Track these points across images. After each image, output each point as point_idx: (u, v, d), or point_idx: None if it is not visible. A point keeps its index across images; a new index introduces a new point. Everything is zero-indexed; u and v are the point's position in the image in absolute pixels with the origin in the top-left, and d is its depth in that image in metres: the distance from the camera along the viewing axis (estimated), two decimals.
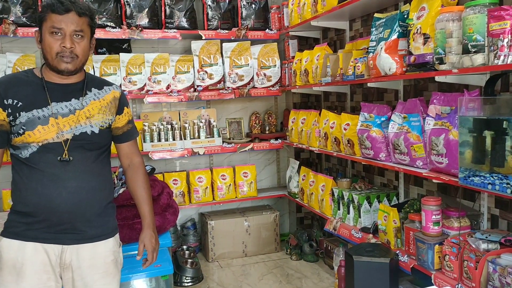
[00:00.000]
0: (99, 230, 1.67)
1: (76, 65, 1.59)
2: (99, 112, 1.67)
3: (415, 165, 2.20)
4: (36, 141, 1.55)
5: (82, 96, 1.65)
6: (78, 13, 1.55)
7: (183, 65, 3.60)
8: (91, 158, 1.64)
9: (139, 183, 1.83)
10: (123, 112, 1.77)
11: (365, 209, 2.72)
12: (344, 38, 3.32)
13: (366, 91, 3.11)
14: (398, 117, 2.32)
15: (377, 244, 2.45)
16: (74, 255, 1.62)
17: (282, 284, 3.19)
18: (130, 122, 1.81)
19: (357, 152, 2.69)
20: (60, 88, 1.62)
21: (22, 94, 1.57)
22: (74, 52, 1.56)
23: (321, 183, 3.21)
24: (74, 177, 1.59)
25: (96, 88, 1.70)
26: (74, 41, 1.56)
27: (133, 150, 1.85)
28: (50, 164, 1.56)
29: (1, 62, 3.20)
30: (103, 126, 1.68)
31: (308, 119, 3.40)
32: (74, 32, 1.55)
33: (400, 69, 2.21)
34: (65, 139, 1.58)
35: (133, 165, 1.85)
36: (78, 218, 1.60)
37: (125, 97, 1.82)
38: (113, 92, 1.75)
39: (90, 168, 1.63)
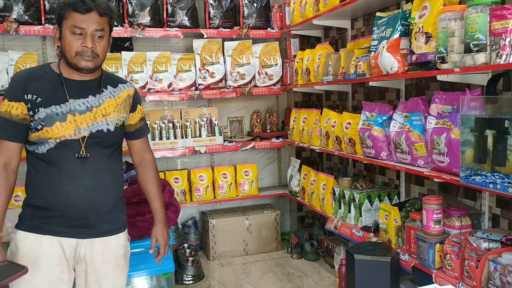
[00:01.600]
0: (111, 225, 1.71)
1: (96, 63, 1.60)
2: (115, 110, 1.69)
3: (416, 164, 2.20)
4: (54, 137, 1.56)
5: (98, 93, 1.66)
6: (99, 13, 1.55)
7: (184, 63, 3.61)
8: (106, 156, 1.67)
9: (150, 179, 1.86)
10: (136, 109, 1.80)
11: (366, 208, 2.73)
12: (346, 37, 3.32)
13: (368, 90, 3.11)
14: (399, 116, 2.32)
15: (378, 243, 2.45)
16: (88, 248, 1.66)
17: (283, 282, 3.19)
18: (143, 119, 1.85)
19: (358, 151, 2.69)
20: (78, 85, 1.63)
21: (41, 89, 1.58)
22: (95, 51, 1.57)
23: (322, 182, 3.21)
24: (91, 174, 1.61)
25: (111, 86, 1.72)
26: (94, 41, 1.57)
27: (145, 147, 1.87)
28: (67, 161, 1.58)
29: (3, 60, 3.21)
30: (118, 124, 1.70)
31: (310, 118, 3.40)
32: (95, 32, 1.56)
33: (402, 68, 2.21)
34: (82, 136, 1.60)
35: (145, 161, 1.87)
36: (93, 214, 1.63)
37: (138, 94, 1.84)
38: (127, 90, 1.77)
39: (105, 165, 1.66)
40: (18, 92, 1.56)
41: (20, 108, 1.55)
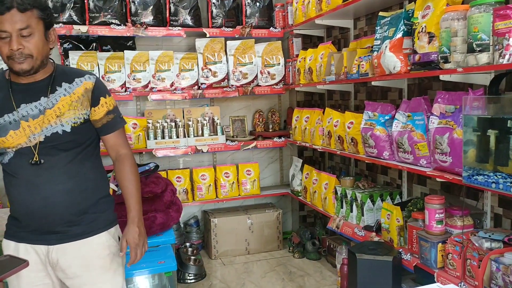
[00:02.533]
0: (86, 227, 1.60)
1: (33, 63, 1.48)
2: (70, 109, 1.55)
3: (418, 163, 2.21)
4: (11, 146, 1.52)
5: (52, 93, 1.54)
6: (19, 9, 1.41)
7: (187, 62, 3.61)
8: (66, 159, 1.56)
9: (125, 175, 1.69)
10: (98, 103, 1.60)
11: (368, 208, 2.73)
12: (349, 36, 3.32)
13: (370, 89, 3.11)
14: (402, 116, 2.32)
15: (380, 242, 2.45)
16: (60, 254, 1.58)
17: (285, 281, 3.20)
18: (111, 112, 1.64)
19: (360, 151, 2.70)
20: (27, 88, 1.54)
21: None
22: (25, 52, 1.45)
23: (324, 181, 3.21)
24: (47, 180, 1.53)
25: (66, 82, 1.58)
26: (22, 41, 1.44)
27: (118, 142, 1.69)
28: (23, 169, 1.53)
29: None
30: (76, 123, 1.56)
31: (312, 117, 3.40)
32: (19, 32, 1.42)
33: (405, 68, 2.21)
34: (37, 142, 1.51)
35: (120, 157, 1.70)
36: (57, 221, 1.56)
37: (100, 86, 1.63)
38: (84, 83, 1.59)
39: (64, 170, 1.55)
40: None
41: None
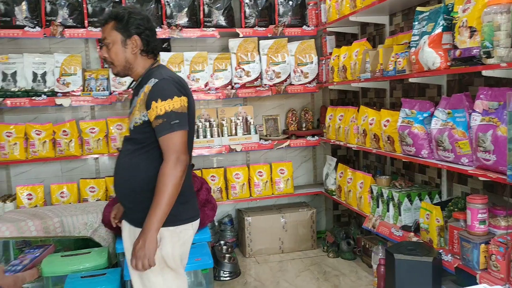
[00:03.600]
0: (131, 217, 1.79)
1: (116, 69, 1.79)
2: (138, 109, 1.72)
3: (460, 162, 2.14)
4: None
5: (136, 95, 1.77)
6: (101, 24, 1.76)
7: (221, 63, 3.65)
8: (127, 152, 1.77)
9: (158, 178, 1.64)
10: (150, 107, 1.65)
11: (405, 207, 2.67)
12: (384, 33, 3.27)
13: (407, 86, 3.04)
14: (442, 113, 2.26)
15: (419, 242, 2.40)
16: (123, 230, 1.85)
17: (319, 281, 3.18)
18: (159, 117, 1.63)
19: (397, 149, 2.65)
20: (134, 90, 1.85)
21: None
22: (108, 60, 1.77)
23: (360, 180, 3.17)
24: (118, 167, 1.81)
25: (145, 84, 1.71)
26: (106, 50, 1.76)
27: (164, 147, 1.65)
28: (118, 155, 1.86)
29: (50, 62, 3.36)
30: (137, 123, 1.70)
31: (346, 115, 3.37)
32: (104, 43, 1.75)
33: (445, 64, 2.16)
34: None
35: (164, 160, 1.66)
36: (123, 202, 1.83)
37: (155, 91, 1.66)
38: (146, 87, 1.69)
39: (124, 162, 1.77)
40: None
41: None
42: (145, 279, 1.72)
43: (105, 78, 3.45)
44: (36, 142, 3.30)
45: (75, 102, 3.33)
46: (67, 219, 2.85)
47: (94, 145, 3.41)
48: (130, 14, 1.72)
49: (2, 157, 3.26)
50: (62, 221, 2.83)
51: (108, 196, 3.46)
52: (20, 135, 3.29)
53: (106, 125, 3.47)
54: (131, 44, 1.74)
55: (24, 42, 3.46)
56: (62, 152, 3.36)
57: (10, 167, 3.50)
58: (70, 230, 2.85)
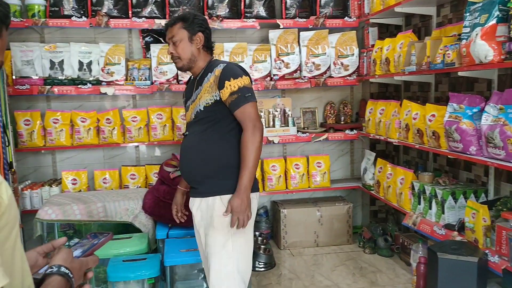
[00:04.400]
0: (207, 188, 1.98)
1: (182, 63, 2.03)
2: (205, 92, 1.98)
3: (511, 160, 2.05)
4: (187, 121, 2.13)
5: (201, 83, 2.02)
6: (170, 25, 2.04)
7: (260, 54, 3.64)
8: (198, 132, 2.01)
9: (241, 146, 1.93)
10: (224, 86, 1.93)
11: (449, 205, 2.59)
12: (430, 24, 3.15)
13: (454, 80, 2.93)
14: (493, 108, 2.16)
15: (464, 242, 2.32)
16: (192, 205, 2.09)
17: (355, 276, 3.15)
18: (234, 93, 1.92)
19: (442, 145, 2.56)
20: (194, 81, 2.10)
21: (186, 92, 2.20)
22: (174, 55, 2.03)
23: (400, 176, 3.10)
24: (188, 148, 2.04)
25: (209, 72, 2.00)
26: (173, 47, 2.02)
27: (242, 117, 1.94)
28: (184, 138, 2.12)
29: (95, 52, 3.45)
30: (208, 104, 1.97)
31: (387, 109, 3.29)
32: (171, 40, 2.03)
33: (498, 57, 2.05)
34: (191, 119, 2.05)
35: (243, 129, 1.94)
36: (191, 180, 2.07)
37: (227, 72, 1.95)
38: (215, 71, 1.98)
39: (196, 141, 2.01)
40: None
41: None
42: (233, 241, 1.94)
43: (147, 68, 3.51)
44: (81, 129, 3.41)
45: (118, 91, 3.41)
46: (109, 204, 2.94)
47: (136, 134, 3.49)
48: (195, 15, 2.04)
49: (49, 142, 3.40)
50: (105, 206, 2.92)
51: (147, 184, 3.54)
52: (66, 122, 3.41)
53: (147, 114, 3.54)
54: (196, 40, 2.01)
55: (71, 32, 3.57)
56: (106, 140, 3.46)
57: (56, 152, 3.64)
58: (112, 215, 2.94)
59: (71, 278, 0.92)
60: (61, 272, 0.91)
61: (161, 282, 2.63)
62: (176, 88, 3.48)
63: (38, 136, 3.37)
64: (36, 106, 3.54)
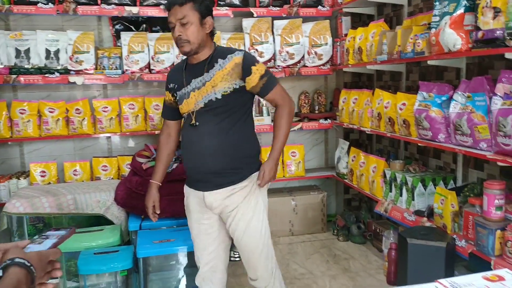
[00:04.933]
0: (229, 179, 1.94)
1: (191, 47, 1.88)
2: (222, 80, 1.89)
3: (478, 147, 2.10)
4: (184, 111, 1.99)
5: (211, 69, 1.91)
6: (179, 4, 1.85)
7: (234, 43, 3.60)
8: (215, 122, 1.91)
9: (277, 121, 1.99)
10: (251, 72, 1.90)
11: (419, 192, 2.64)
12: (402, 14, 3.18)
13: (424, 69, 2.98)
14: (461, 97, 2.21)
15: (433, 227, 2.38)
16: (212, 198, 1.96)
17: (329, 264, 3.19)
18: (263, 76, 1.93)
19: (413, 133, 2.60)
20: (195, 67, 1.95)
21: (177, 78, 2.02)
22: (183, 38, 1.86)
23: (373, 164, 3.14)
24: (201, 139, 1.92)
25: (221, 59, 1.91)
26: (181, 29, 1.85)
27: (275, 97, 1.98)
28: (186, 129, 2.00)
29: (63, 40, 3.34)
30: (226, 92, 1.90)
31: (360, 98, 3.32)
32: (178, 21, 1.85)
33: (466, 46, 2.09)
34: (200, 107, 1.92)
35: (277, 107, 2.00)
36: (206, 172, 1.94)
37: (249, 58, 1.93)
38: (234, 59, 1.90)
39: (213, 131, 1.91)
40: (166, 83, 2.09)
41: (168, 96, 2.09)
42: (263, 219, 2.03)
43: (118, 57, 3.43)
44: (50, 119, 3.31)
45: (88, 80, 3.32)
46: (80, 197, 2.87)
47: (107, 124, 3.42)
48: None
49: (16, 134, 3.29)
50: (75, 198, 2.86)
51: (120, 175, 3.48)
52: (34, 113, 3.30)
53: (119, 104, 3.46)
54: (206, 24, 1.91)
55: (37, 19, 3.44)
56: (75, 130, 3.37)
57: (23, 144, 3.53)
58: (83, 207, 2.88)
59: (29, 267, 0.89)
60: (16, 262, 0.88)
61: (134, 274, 2.60)
62: (149, 77, 3.41)
63: (5, 127, 3.25)
64: (2, 96, 3.42)
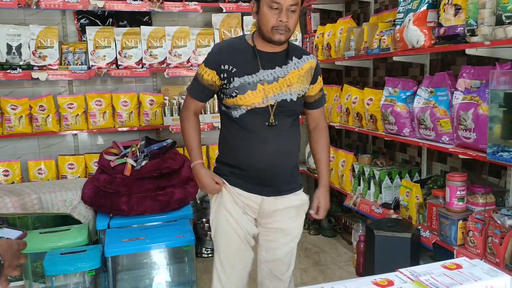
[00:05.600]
0: (292, 185, 1.83)
1: (287, 36, 1.69)
2: (298, 81, 1.75)
3: (440, 140, 2.17)
4: (245, 104, 1.71)
5: (285, 64, 1.73)
6: None
7: (203, 38, 3.58)
8: (289, 123, 1.77)
9: (321, 144, 1.91)
10: (317, 81, 1.84)
11: (386, 185, 2.71)
12: (369, 11, 3.24)
13: (390, 66, 3.04)
14: (424, 92, 2.27)
15: (399, 219, 2.44)
16: (271, 204, 1.80)
17: (300, 258, 3.22)
18: (321, 90, 1.88)
19: (379, 128, 2.66)
20: (268, 57, 1.72)
21: (236, 60, 1.72)
22: (288, 26, 1.66)
23: (341, 159, 3.19)
24: (276, 140, 1.74)
25: (296, 58, 1.77)
26: (288, 15, 1.65)
27: (320, 116, 1.92)
28: (258, 127, 1.73)
29: (25, 34, 3.23)
30: (300, 95, 1.77)
31: (330, 94, 3.36)
32: (289, 7, 1.65)
33: (429, 42, 2.15)
34: (269, 105, 1.71)
35: (319, 128, 1.93)
36: (275, 177, 1.77)
37: (319, 66, 1.87)
38: (310, 61, 1.80)
39: (288, 133, 1.77)
40: (214, 61, 1.74)
41: (211, 75, 1.74)
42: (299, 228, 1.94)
43: (83, 52, 3.34)
44: (12, 117, 3.20)
45: (52, 76, 3.22)
46: (45, 196, 2.79)
47: (73, 121, 3.33)
48: None
49: None
50: (40, 198, 2.77)
51: (87, 173, 3.40)
52: None
53: (85, 100, 3.38)
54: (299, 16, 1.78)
55: None
56: (39, 128, 3.27)
57: None
58: (49, 207, 2.80)
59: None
60: None
61: (103, 274, 2.55)
62: (116, 73, 3.34)
63: None
64: None
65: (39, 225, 3.01)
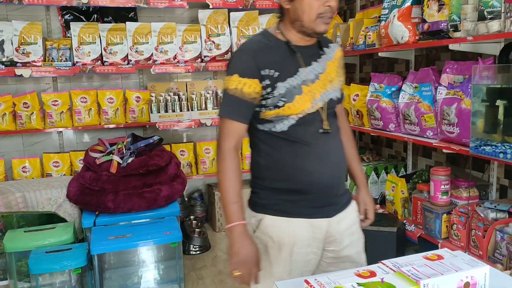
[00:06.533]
0: (346, 196, 1.51)
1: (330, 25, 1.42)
2: (336, 74, 1.47)
3: (425, 135, 2.19)
4: (294, 113, 1.37)
5: (319, 58, 1.43)
6: None
7: (190, 34, 3.56)
8: (336, 126, 1.48)
9: (349, 143, 1.60)
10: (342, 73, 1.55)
11: (372, 180, 2.73)
12: (355, 7, 3.26)
13: (376, 62, 3.06)
14: (409, 87, 2.29)
15: (384, 214, 2.46)
16: (335, 225, 1.46)
17: None
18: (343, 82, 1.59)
19: (366, 123, 2.68)
20: (304, 52, 1.41)
21: (275, 62, 1.37)
22: (334, 11, 1.37)
23: None
24: (335, 149, 1.45)
25: (325, 47, 1.47)
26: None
27: (343, 111, 1.64)
28: (312, 137, 1.40)
29: (7, 30, 3.17)
30: (341, 89, 1.51)
31: None
32: None
33: (413, 37, 2.17)
34: (319, 108, 1.40)
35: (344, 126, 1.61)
36: (338, 191, 1.46)
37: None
38: (338, 49, 1.52)
39: (339, 137, 1.49)
40: (252, 67, 1.35)
41: (253, 86, 1.35)
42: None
43: (68, 48, 3.30)
44: None
45: (36, 72, 3.17)
46: (30, 194, 2.75)
47: (57, 118, 3.28)
48: None
49: None
50: (24, 196, 2.73)
51: (73, 171, 3.36)
52: None
53: (70, 97, 3.34)
54: None
55: None
56: (23, 125, 3.22)
57: None
58: (34, 205, 2.76)
59: None
60: None
61: (90, 272, 2.53)
62: (102, 69, 3.31)
63: None
64: None
65: (24, 224, 2.97)
